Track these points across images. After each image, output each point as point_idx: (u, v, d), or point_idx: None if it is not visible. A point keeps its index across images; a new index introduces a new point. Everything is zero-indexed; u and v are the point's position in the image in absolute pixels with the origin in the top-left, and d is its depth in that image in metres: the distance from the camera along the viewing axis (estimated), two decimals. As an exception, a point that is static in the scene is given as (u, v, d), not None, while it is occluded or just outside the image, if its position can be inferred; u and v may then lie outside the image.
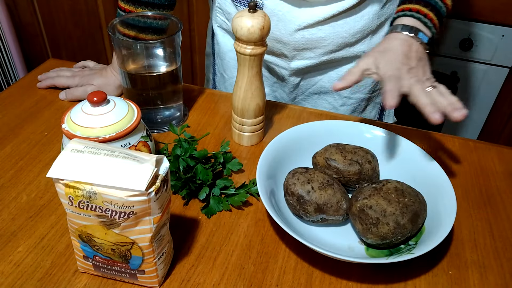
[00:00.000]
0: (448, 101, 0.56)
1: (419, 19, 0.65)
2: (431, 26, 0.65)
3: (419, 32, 0.63)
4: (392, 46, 0.62)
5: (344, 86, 0.60)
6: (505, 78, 1.43)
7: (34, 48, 2.05)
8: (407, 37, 0.63)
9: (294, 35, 0.79)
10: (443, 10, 0.68)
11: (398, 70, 0.59)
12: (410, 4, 0.67)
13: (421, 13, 0.65)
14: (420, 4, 0.66)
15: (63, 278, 0.52)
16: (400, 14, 0.67)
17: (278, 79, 0.89)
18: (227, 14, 0.85)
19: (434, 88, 0.58)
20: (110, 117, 0.58)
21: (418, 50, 0.62)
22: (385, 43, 0.63)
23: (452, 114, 0.55)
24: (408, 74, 0.59)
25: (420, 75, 0.60)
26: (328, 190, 0.56)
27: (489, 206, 0.64)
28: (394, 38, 0.63)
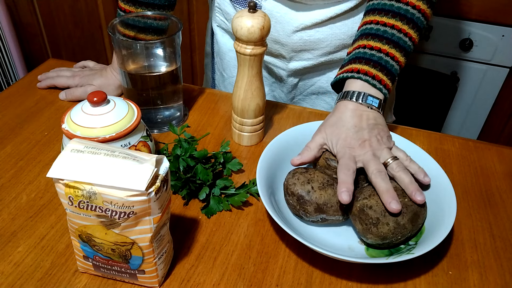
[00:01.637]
0: (409, 179, 0.55)
1: (367, 81, 0.62)
2: (381, 88, 0.62)
3: (368, 97, 0.61)
4: (344, 118, 0.61)
5: (302, 162, 0.60)
6: (505, 78, 1.43)
7: (34, 48, 2.05)
8: (356, 105, 0.61)
9: (292, 36, 0.79)
10: (395, 68, 0.64)
11: (349, 148, 0.58)
12: (359, 65, 0.63)
13: (369, 74, 0.62)
14: (369, 64, 0.63)
15: (63, 278, 0.52)
16: (349, 76, 0.64)
17: (276, 80, 0.89)
18: (226, 14, 0.85)
19: (394, 160, 0.57)
20: (110, 117, 0.58)
21: (369, 118, 0.60)
22: (336, 114, 0.62)
23: (413, 197, 0.53)
24: (361, 149, 0.58)
25: (374, 146, 0.58)
26: (328, 190, 0.56)
27: (489, 206, 0.64)
28: (344, 108, 0.61)
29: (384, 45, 0.63)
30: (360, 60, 0.64)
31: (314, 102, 0.91)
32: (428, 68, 1.48)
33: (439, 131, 0.79)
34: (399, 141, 0.66)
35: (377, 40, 0.64)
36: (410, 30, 0.64)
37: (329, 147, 0.61)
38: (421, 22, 0.65)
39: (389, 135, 0.61)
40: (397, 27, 0.64)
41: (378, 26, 0.65)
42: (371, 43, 0.64)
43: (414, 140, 0.73)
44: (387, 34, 0.64)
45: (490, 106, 1.50)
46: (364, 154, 0.57)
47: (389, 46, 0.63)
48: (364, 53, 0.64)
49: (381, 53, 0.63)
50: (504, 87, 1.44)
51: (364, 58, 0.64)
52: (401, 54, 0.64)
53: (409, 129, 0.77)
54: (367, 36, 0.65)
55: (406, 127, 0.78)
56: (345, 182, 0.54)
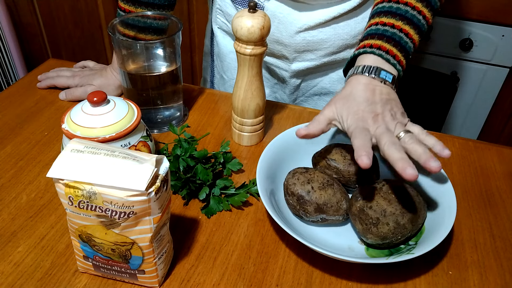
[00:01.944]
0: (422, 149, 0.50)
1: (381, 56, 0.59)
2: (395, 63, 0.59)
3: (381, 71, 0.58)
4: (355, 92, 0.57)
5: (308, 134, 0.57)
6: (505, 78, 1.43)
7: (34, 48, 2.05)
8: (368, 79, 0.58)
9: (295, 37, 0.79)
10: (409, 45, 0.61)
11: (362, 121, 0.54)
12: (372, 40, 0.60)
13: (382, 49, 0.59)
14: (382, 39, 0.60)
15: (63, 278, 0.52)
16: (361, 51, 0.61)
17: (278, 81, 0.89)
18: (227, 16, 0.85)
19: (406, 133, 0.53)
20: (110, 117, 0.58)
21: (382, 92, 0.57)
22: (347, 88, 0.59)
23: (427, 164, 0.48)
24: (374, 123, 0.54)
25: (388, 120, 0.54)
26: (328, 190, 0.56)
27: (489, 206, 0.64)
28: (356, 82, 0.58)
29: (398, 21, 0.61)
30: (372, 36, 0.61)
31: (317, 103, 0.91)
32: (428, 68, 1.48)
33: (439, 131, 0.79)
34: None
35: (390, 17, 0.61)
36: (424, 8, 0.62)
37: (340, 121, 0.57)
38: (422, 25, 0.63)
39: (403, 111, 0.57)
40: (411, 4, 0.61)
41: (391, 3, 0.62)
42: (384, 20, 0.61)
43: (414, 140, 0.73)
44: (401, 11, 0.61)
45: (490, 106, 1.50)
46: (377, 128, 0.53)
47: (403, 22, 0.61)
48: (377, 29, 0.61)
49: (395, 28, 0.60)
50: (504, 87, 1.44)
51: (377, 33, 0.61)
52: (415, 32, 0.61)
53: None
54: (379, 14, 0.62)
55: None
56: (363, 145, 0.49)
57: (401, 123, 0.55)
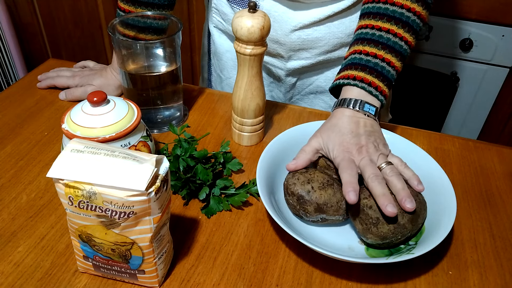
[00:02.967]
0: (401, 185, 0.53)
1: (363, 88, 0.61)
2: (377, 94, 0.62)
3: (365, 105, 0.61)
4: (340, 124, 0.60)
5: (297, 166, 0.59)
6: (505, 78, 1.43)
7: (34, 48, 2.05)
8: (353, 112, 0.60)
9: (290, 35, 0.79)
10: (392, 73, 0.63)
11: (348, 152, 0.57)
12: (355, 71, 0.63)
13: (365, 81, 0.62)
14: (365, 71, 0.62)
15: (63, 278, 0.52)
16: (345, 82, 0.63)
17: (274, 79, 0.89)
18: (223, 15, 0.85)
19: (388, 165, 0.56)
20: (110, 117, 0.58)
21: (366, 124, 0.60)
22: (333, 120, 0.61)
23: (402, 203, 0.52)
24: (358, 154, 0.57)
25: (371, 152, 0.57)
26: (328, 190, 0.56)
27: (489, 206, 0.64)
28: (341, 114, 0.61)
29: (380, 50, 0.63)
30: (356, 66, 0.63)
31: (312, 102, 0.91)
32: (428, 68, 1.48)
33: (439, 131, 0.79)
34: (399, 141, 0.66)
35: (373, 46, 0.63)
36: (406, 33, 0.63)
37: (325, 152, 0.60)
38: (416, 24, 0.64)
39: (385, 142, 0.61)
40: (393, 31, 0.63)
41: (374, 30, 0.64)
42: (366, 49, 0.64)
43: (414, 140, 0.73)
44: (383, 39, 0.63)
45: (490, 106, 1.50)
46: (361, 160, 0.56)
47: (385, 51, 0.63)
48: (360, 59, 0.64)
49: (377, 58, 0.63)
50: (504, 87, 1.44)
51: (360, 64, 0.63)
52: (397, 59, 0.63)
53: (409, 129, 0.77)
54: (362, 41, 0.65)
55: (406, 127, 0.78)
56: (350, 182, 0.53)
57: (383, 154, 0.58)
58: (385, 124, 0.77)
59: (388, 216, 0.51)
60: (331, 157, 0.59)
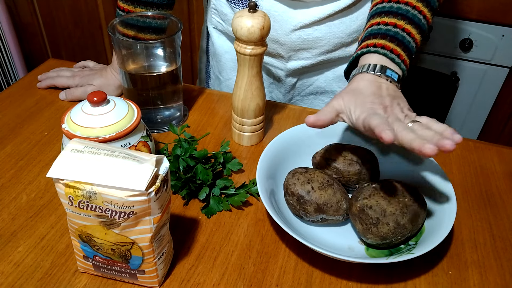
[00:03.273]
0: (432, 133, 0.49)
1: (385, 55, 0.58)
2: (400, 62, 0.58)
3: (386, 70, 0.57)
4: (361, 87, 0.56)
5: (318, 120, 0.54)
6: (505, 78, 1.43)
7: (34, 48, 2.05)
8: (374, 77, 0.56)
9: (290, 35, 0.79)
10: (412, 45, 0.60)
11: (372, 110, 0.52)
12: (375, 39, 0.59)
13: (386, 48, 0.58)
14: (385, 39, 0.59)
15: (63, 278, 0.52)
16: (364, 51, 0.59)
17: (274, 80, 0.89)
18: (222, 15, 0.85)
19: (415, 123, 0.51)
20: (110, 117, 0.58)
21: (388, 88, 0.56)
22: (353, 84, 0.57)
23: (441, 143, 0.46)
24: (384, 113, 0.52)
25: (396, 112, 0.53)
26: (328, 190, 0.56)
27: (489, 206, 0.64)
28: (361, 79, 0.57)
29: (399, 20, 0.60)
30: (375, 35, 0.60)
31: (313, 103, 0.91)
32: (428, 68, 1.48)
33: (439, 131, 0.79)
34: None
35: (392, 16, 0.60)
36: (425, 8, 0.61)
37: (347, 114, 0.55)
38: (424, 27, 0.63)
39: (409, 107, 0.56)
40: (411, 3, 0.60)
41: (391, 3, 0.61)
42: (385, 19, 0.60)
43: (414, 140, 0.73)
44: (402, 11, 0.60)
45: (490, 106, 1.50)
46: (388, 118, 0.51)
47: (405, 21, 0.60)
48: (378, 28, 0.60)
49: (397, 28, 0.60)
50: (504, 87, 1.44)
51: (379, 33, 0.60)
52: (416, 31, 0.60)
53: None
54: (379, 14, 0.62)
55: (406, 127, 0.78)
56: (382, 122, 0.48)
57: (409, 117, 0.54)
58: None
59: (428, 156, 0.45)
60: (353, 118, 0.53)
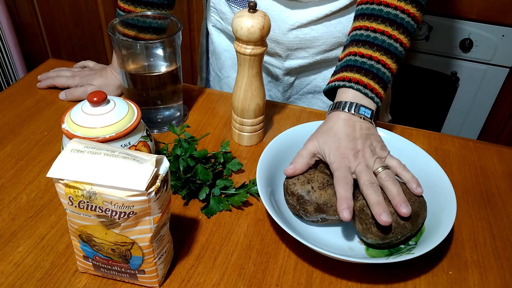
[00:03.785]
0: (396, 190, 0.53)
1: (359, 90, 0.61)
2: (373, 96, 0.61)
3: (360, 108, 0.60)
4: (336, 128, 0.59)
5: (295, 171, 0.58)
6: (505, 78, 1.43)
7: (34, 48, 2.05)
8: (348, 115, 0.60)
9: (287, 34, 0.79)
10: (387, 75, 0.63)
11: (343, 158, 0.57)
12: (351, 73, 0.62)
13: (361, 83, 0.61)
14: (360, 73, 0.62)
15: (63, 278, 0.52)
16: (340, 85, 0.63)
17: (272, 79, 0.89)
18: (221, 14, 0.85)
19: (384, 170, 0.55)
20: (110, 117, 0.58)
21: (362, 128, 0.59)
22: (329, 124, 0.61)
23: (397, 208, 0.52)
24: (355, 160, 0.56)
25: (367, 157, 0.57)
26: (328, 190, 0.56)
27: (489, 206, 0.64)
28: (336, 118, 0.60)
29: (375, 52, 0.63)
30: (351, 68, 0.63)
31: (310, 102, 0.91)
32: (428, 68, 1.48)
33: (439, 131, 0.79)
34: (399, 141, 0.66)
35: (368, 47, 0.63)
36: (401, 35, 0.63)
37: (322, 155, 0.59)
38: (411, 26, 0.64)
39: (383, 144, 0.60)
40: (387, 33, 0.63)
41: (368, 32, 0.64)
42: (361, 50, 0.63)
43: (414, 140, 0.73)
44: (378, 41, 0.63)
45: (490, 106, 1.50)
46: (357, 166, 0.56)
47: (380, 53, 0.63)
48: (355, 60, 0.63)
49: (372, 60, 0.62)
50: (504, 87, 1.44)
51: (355, 66, 0.63)
52: (392, 61, 0.63)
53: (409, 129, 0.77)
54: (357, 42, 0.64)
55: (406, 127, 0.78)
56: (345, 198, 0.53)
57: (380, 158, 0.58)
58: (385, 124, 0.77)
59: (382, 224, 0.51)
60: (328, 161, 0.58)
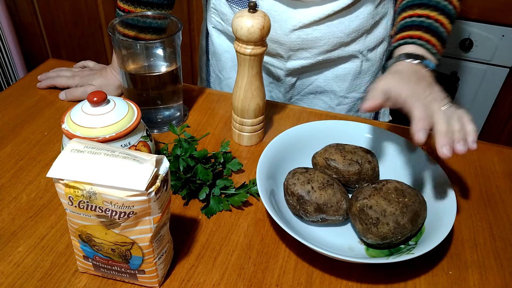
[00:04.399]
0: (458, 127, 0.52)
1: (422, 45, 0.60)
2: (435, 52, 0.61)
3: (424, 60, 0.59)
4: (401, 69, 0.58)
5: (371, 105, 0.54)
6: (505, 78, 1.43)
7: (34, 48, 2.05)
8: (413, 64, 0.59)
9: (289, 35, 0.79)
10: (445, 35, 0.63)
11: (413, 92, 0.55)
12: (410, 31, 0.62)
13: (423, 39, 0.60)
14: (421, 30, 0.61)
15: (63, 278, 0.52)
16: (401, 42, 0.62)
17: (274, 79, 0.89)
18: (222, 15, 0.85)
19: (451, 107, 0.54)
20: (110, 117, 0.58)
21: (426, 75, 0.58)
22: (392, 68, 0.60)
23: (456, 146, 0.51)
24: (424, 92, 0.55)
25: (437, 97, 0.55)
26: (328, 190, 0.56)
27: (489, 206, 0.64)
28: (399, 65, 0.59)
29: (432, 11, 0.62)
30: (409, 27, 0.62)
31: (312, 102, 0.91)
32: (428, 68, 1.48)
33: (439, 131, 0.80)
34: (399, 141, 0.66)
35: (424, 8, 0.63)
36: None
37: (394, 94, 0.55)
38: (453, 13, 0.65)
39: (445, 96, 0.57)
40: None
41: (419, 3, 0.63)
42: (417, 12, 0.63)
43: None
44: (433, 2, 0.63)
45: (490, 106, 1.50)
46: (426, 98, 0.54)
47: (437, 12, 0.62)
48: (412, 21, 0.62)
49: (430, 19, 0.62)
50: (504, 87, 1.44)
51: (414, 25, 0.62)
52: (448, 21, 0.63)
53: (409, 129, 0.77)
54: (411, 6, 0.64)
55: (406, 127, 0.77)
56: (423, 118, 0.50)
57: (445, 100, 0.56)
58: (385, 124, 0.77)
59: (441, 156, 0.49)
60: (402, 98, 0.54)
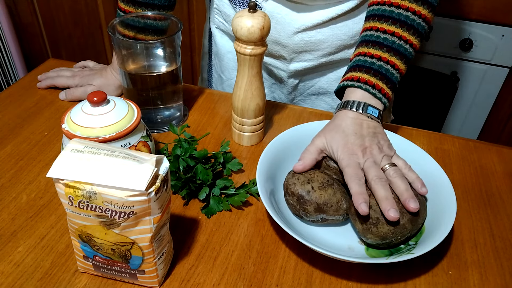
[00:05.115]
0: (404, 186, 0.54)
1: (367, 90, 0.62)
2: (381, 97, 0.62)
3: (368, 107, 0.61)
4: (344, 125, 0.60)
5: (305, 166, 0.58)
6: (505, 78, 1.43)
7: (34, 48, 2.05)
8: (356, 114, 0.61)
9: (293, 37, 0.79)
10: (395, 76, 0.63)
11: (352, 154, 0.57)
12: (359, 73, 0.63)
13: (369, 83, 0.62)
14: (369, 73, 0.62)
15: (63, 278, 0.52)
16: (349, 84, 0.63)
17: (276, 81, 0.89)
18: (225, 16, 0.85)
19: (391, 167, 0.56)
20: (110, 117, 0.58)
21: (369, 126, 0.60)
22: (336, 121, 0.61)
23: (406, 204, 0.53)
24: (363, 156, 0.57)
25: (375, 153, 0.57)
26: (328, 190, 0.56)
27: (489, 206, 0.64)
28: (344, 116, 0.61)
29: (384, 53, 0.63)
30: (360, 68, 0.64)
31: (314, 103, 0.91)
32: (428, 68, 1.48)
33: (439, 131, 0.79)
34: (399, 141, 0.66)
35: (377, 48, 0.64)
36: (411, 36, 0.64)
37: (329, 152, 0.60)
38: (422, 27, 0.65)
39: (389, 144, 0.61)
40: (397, 34, 0.63)
41: (378, 33, 0.64)
42: (371, 51, 0.64)
43: (414, 140, 0.73)
44: (387, 42, 0.63)
45: (490, 106, 1.50)
46: (365, 161, 0.57)
47: (390, 54, 0.63)
48: (364, 61, 0.64)
49: (381, 61, 0.63)
50: (504, 87, 1.44)
51: (364, 66, 0.63)
52: (401, 62, 0.64)
53: (409, 129, 0.77)
54: (367, 43, 0.65)
55: (406, 127, 0.78)
56: (361, 192, 0.53)
57: (388, 156, 0.58)
58: (385, 124, 0.77)
59: (389, 220, 0.51)
60: (336, 158, 0.59)
